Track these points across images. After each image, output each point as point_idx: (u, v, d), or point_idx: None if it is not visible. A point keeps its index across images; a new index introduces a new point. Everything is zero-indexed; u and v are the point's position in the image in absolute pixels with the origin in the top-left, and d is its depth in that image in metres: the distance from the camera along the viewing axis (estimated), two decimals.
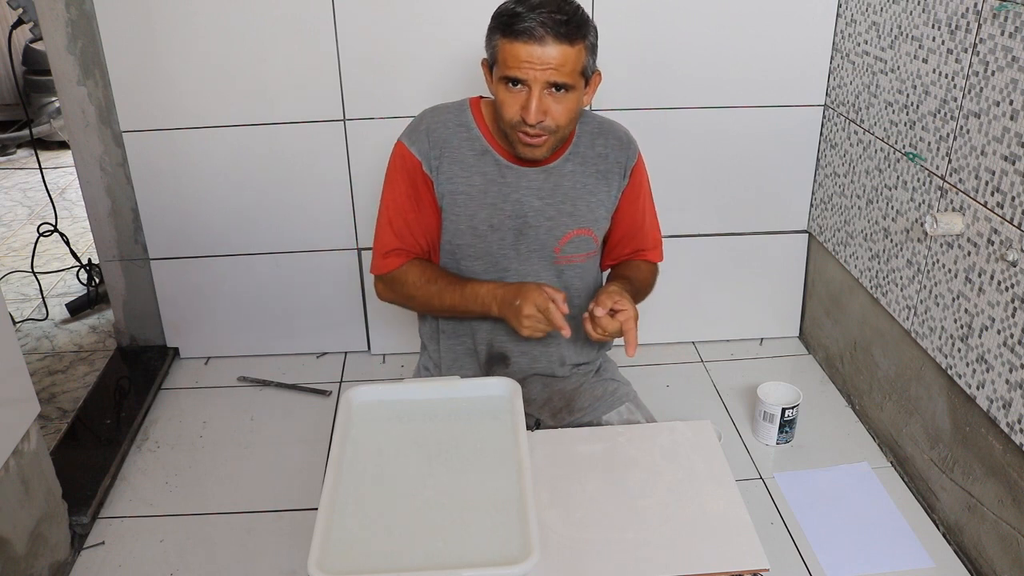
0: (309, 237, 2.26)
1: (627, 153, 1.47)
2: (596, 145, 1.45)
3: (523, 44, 1.24)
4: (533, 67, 1.25)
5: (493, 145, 1.41)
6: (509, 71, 1.27)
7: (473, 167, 1.40)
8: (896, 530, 1.75)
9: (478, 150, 1.41)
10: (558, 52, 1.24)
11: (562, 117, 1.30)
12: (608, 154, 1.45)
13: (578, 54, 1.27)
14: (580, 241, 1.45)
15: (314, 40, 2.03)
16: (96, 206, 2.20)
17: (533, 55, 1.24)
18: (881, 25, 1.87)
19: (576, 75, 1.28)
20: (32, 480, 1.56)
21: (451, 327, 1.52)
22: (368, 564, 0.97)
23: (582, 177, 1.43)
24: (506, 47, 1.26)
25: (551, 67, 1.25)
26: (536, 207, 1.42)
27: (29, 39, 3.98)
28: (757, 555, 1.04)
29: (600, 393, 1.55)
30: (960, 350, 1.64)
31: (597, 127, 1.47)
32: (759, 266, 2.38)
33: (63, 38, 1.99)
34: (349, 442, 1.15)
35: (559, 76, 1.26)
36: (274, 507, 1.84)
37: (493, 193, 1.41)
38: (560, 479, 1.17)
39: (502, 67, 1.28)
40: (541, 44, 1.24)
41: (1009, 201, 1.46)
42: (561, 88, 1.28)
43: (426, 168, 1.40)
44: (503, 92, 1.30)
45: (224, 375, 2.33)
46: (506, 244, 1.43)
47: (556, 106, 1.29)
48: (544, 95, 1.27)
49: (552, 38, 1.23)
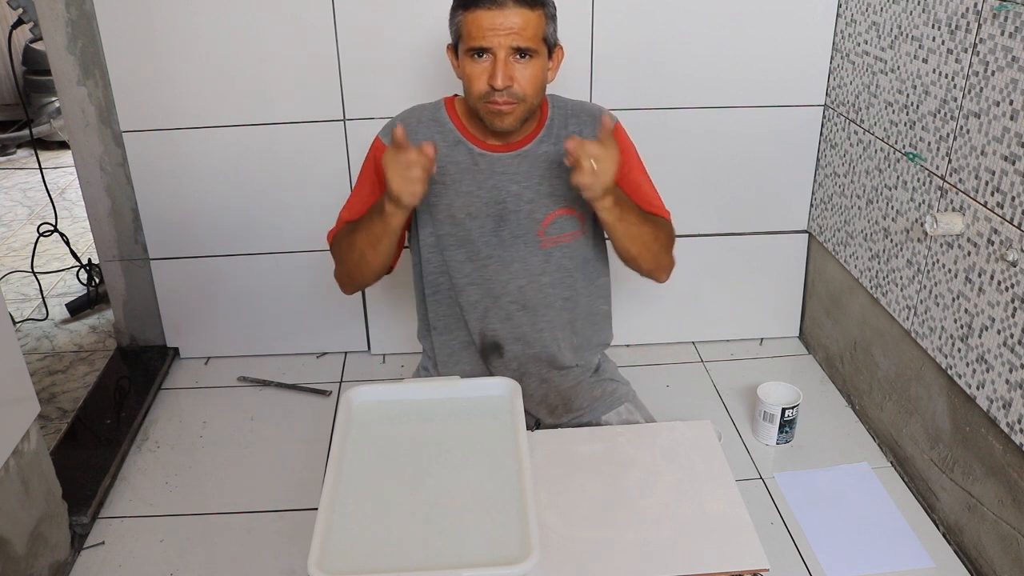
0: (309, 237, 2.26)
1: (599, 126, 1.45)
2: (570, 125, 1.45)
3: (484, 11, 1.28)
4: (496, 32, 1.28)
5: (466, 135, 1.43)
6: (473, 41, 1.30)
7: (446, 157, 1.43)
8: (896, 530, 1.75)
9: (451, 141, 1.43)
10: (519, 16, 1.28)
11: (528, 85, 1.32)
12: (582, 131, 1.45)
13: (539, 19, 1.31)
14: (564, 221, 1.45)
15: (314, 40, 2.03)
16: (96, 206, 2.20)
17: (495, 21, 1.28)
18: (881, 25, 1.87)
19: (539, 40, 1.32)
20: (32, 480, 1.56)
21: (439, 324, 1.53)
22: (368, 564, 0.97)
23: (557, 157, 1.43)
24: (468, 19, 1.30)
25: (513, 31, 1.28)
26: (514, 192, 1.42)
27: (29, 39, 3.99)
28: (757, 555, 1.04)
29: (599, 393, 1.55)
30: (960, 350, 1.64)
31: (571, 109, 1.48)
32: (759, 266, 2.38)
33: (63, 38, 1.99)
34: (349, 442, 1.16)
35: (522, 40, 1.29)
36: (274, 507, 1.84)
37: (468, 181, 1.42)
38: (560, 479, 1.17)
39: (466, 39, 1.31)
40: (501, 9, 1.28)
41: (1009, 201, 1.46)
42: (525, 54, 1.31)
43: None
44: (469, 66, 1.33)
45: (224, 375, 2.33)
46: (487, 231, 1.44)
47: (522, 72, 1.31)
48: (509, 61, 1.30)
49: (512, 2, 1.28)
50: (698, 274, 2.37)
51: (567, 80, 2.05)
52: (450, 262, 1.46)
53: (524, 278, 1.46)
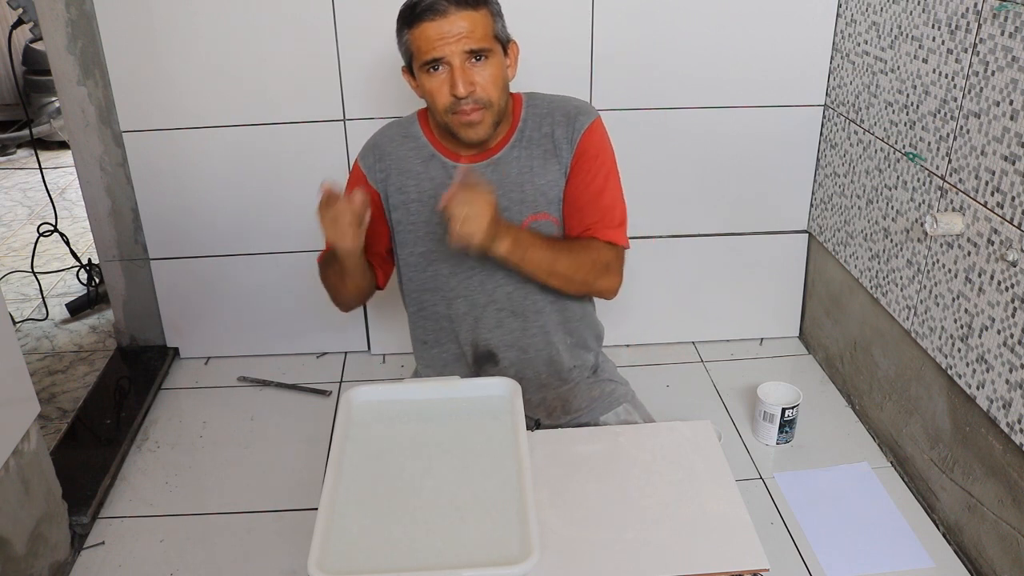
0: (309, 237, 2.25)
1: (573, 125, 1.41)
2: (543, 126, 1.42)
3: (429, 23, 1.27)
4: (446, 41, 1.27)
5: (439, 149, 1.42)
6: (425, 55, 1.29)
7: (421, 174, 1.42)
8: (896, 530, 1.75)
9: (425, 156, 1.43)
10: (464, 20, 1.27)
11: (490, 86, 1.31)
12: (555, 131, 1.41)
13: (484, 18, 1.30)
14: (540, 227, 1.42)
15: (314, 40, 2.03)
16: (96, 206, 2.20)
17: (443, 29, 1.27)
18: (881, 25, 1.87)
19: (490, 39, 1.30)
20: (32, 480, 1.56)
21: (430, 338, 1.52)
22: (368, 564, 0.97)
23: (528, 160, 1.41)
24: (415, 34, 1.29)
25: (463, 35, 1.27)
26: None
27: (29, 39, 3.99)
28: (757, 555, 1.04)
29: (597, 394, 1.55)
30: (960, 350, 1.64)
31: (546, 108, 1.43)
32: (759, 266, 2.38)
33: (63, 38, 1.99)
34: (349, 442, 1.15)
35: (473, 42, 1.28)
36: (274, 507, 1.84)
37: (443, 195, 1.41)
38: (560, 479, 1.16)
39: (418, 55, 1.30)
40: (446, 16, 1.26)
41: (1009, 201, 1.46)
42: (480, 55, 1.29)
43: (371, 180, 1.44)
44: (428, 81, 1.31)
45: (224, 375, 2.33)
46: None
47: (480, 74, 1.30)
48: (466, 66, 1.29)
49: (454, 7, 1.27)
50: (698, 274, 2.37)
51: (567, 81, 2.05)
52: (437, 277, 1.46)
53: (511, 284, 1.45)
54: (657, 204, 2.27)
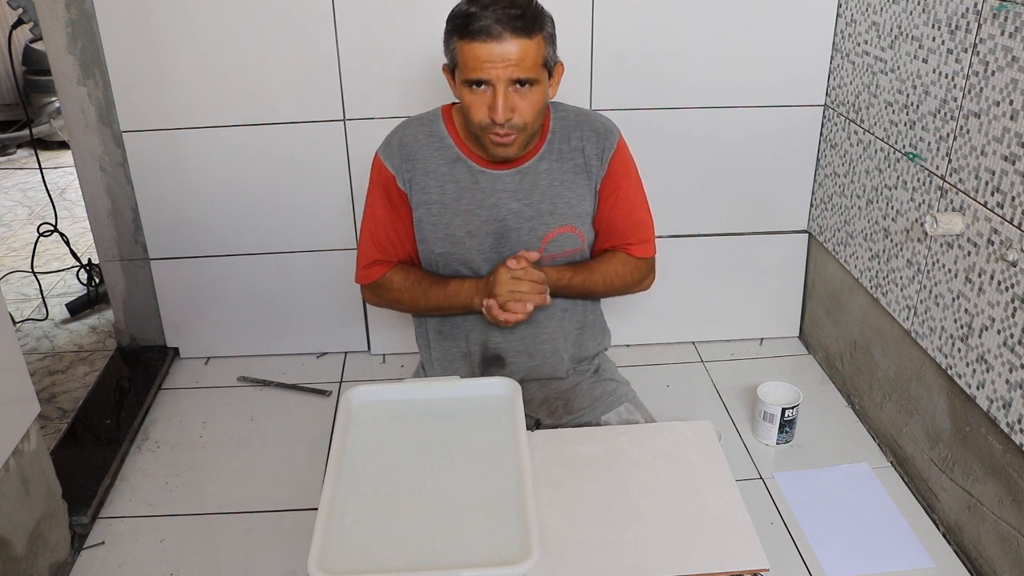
0: (309, 237, 2.26)
1: (604, 143, 1.43)
2: (572, 139, 1.42)
3: (481, 43, 1.23)
4: (495, 66, 1.24)
5: (465, 152, 1.41)
6: (471, 73, 1.26)
7: (446, 176, 1.40)
8: (896, 530, 1.75)
9: (450, 158, 1.41)
10: (517, 47, 1.23)
11: (528, 113, 1.29)
12: (584, 147, 1.42)
13: (538, 46, 1.26)
14: (564, 239, 1.44)
15: (314, 40, 2.02)
16: (96, 206, 2.20)
17: (493, 53, 1.23)
18: (881, 25, 1.87)
19: (538, 68, 1.28)
20: (32, 480, 1.56)
21: (445, 329, 1.53)
22: (368, 564, 0.97)
23: (559, 174, 1.42)
24: (465, 49, 1.25)
25: (512, 63, 1.24)
26: (514, 209, 1.41)
27: (29, 39, 3.99)
28: (757, 555, 1.04)
29: (599, 393, 1.55)
30: (960, 350, 1.64)
31: (573, 120, 1.44)
32: (759, 266, 2.38)
33: (63, 38, 1.99)
34: (349, 442, 1.16)
35: (521, 72, 1.25)
36: (274, 507, 1.84)
37: (467, 200, 1.40)
38: (560, 479, 1.17)
39: (463, 70, 1.27)
40: (499, 41, 1.22)
41: (1009, 201, 1.46)
42: (525, 83, 1.27)
43: (400, 182, 1.42)
44: (468, 95, 1.29)
45: (224, 375, 2.33)
46: (485, 248, 1.42)
47: (522, 102, 1.28)
48: (509, 92, 1.26)
49: (510, 33, 1.22)
50: (698, 274, 2.37)
51: (567, 81, 2.04)
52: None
53: None
54: (657, 204, 2.22)
